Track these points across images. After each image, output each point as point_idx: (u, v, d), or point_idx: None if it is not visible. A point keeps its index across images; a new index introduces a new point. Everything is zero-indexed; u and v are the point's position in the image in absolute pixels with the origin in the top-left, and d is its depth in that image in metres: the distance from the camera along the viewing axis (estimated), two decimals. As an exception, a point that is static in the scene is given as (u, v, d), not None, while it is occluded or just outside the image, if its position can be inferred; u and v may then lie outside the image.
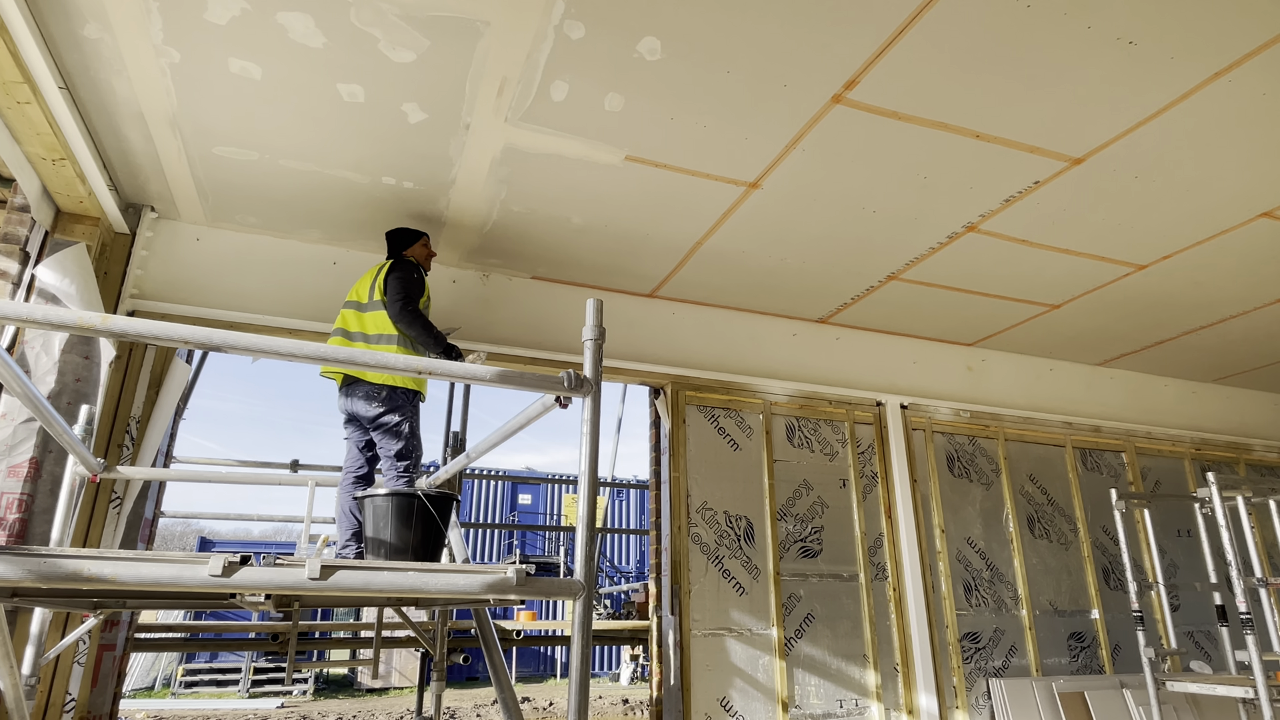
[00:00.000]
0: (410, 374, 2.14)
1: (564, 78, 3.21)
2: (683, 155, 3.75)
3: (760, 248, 4.68)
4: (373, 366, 2.09)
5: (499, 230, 4.43)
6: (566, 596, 2.10)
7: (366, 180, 3.94)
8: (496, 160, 3.76)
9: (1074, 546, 6.08)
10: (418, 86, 3.25)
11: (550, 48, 3.04)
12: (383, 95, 3.30)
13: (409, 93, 3.29)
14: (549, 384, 2.23)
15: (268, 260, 4.43)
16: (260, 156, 3.73)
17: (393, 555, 2.75)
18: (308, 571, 1.84)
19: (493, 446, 3.00)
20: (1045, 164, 3.83)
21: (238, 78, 3.19)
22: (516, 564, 2.09)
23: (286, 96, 3.30)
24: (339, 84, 3.23)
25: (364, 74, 3.18)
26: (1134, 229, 4.44)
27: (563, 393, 2.27)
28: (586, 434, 2.26)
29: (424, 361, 2.25)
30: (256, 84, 3.22)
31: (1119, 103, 3.39)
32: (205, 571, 1.74)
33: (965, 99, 3.35)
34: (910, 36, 2.99)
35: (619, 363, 5.05)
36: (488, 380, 2.21)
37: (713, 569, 4.94)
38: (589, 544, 2.15)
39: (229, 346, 1.90)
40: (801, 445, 5.51)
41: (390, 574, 1.92)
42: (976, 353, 6.31)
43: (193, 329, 1.92)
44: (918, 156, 3.76)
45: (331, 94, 3.29)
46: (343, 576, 1.84)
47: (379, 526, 2.84)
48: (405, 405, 3.61)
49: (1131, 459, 6.58)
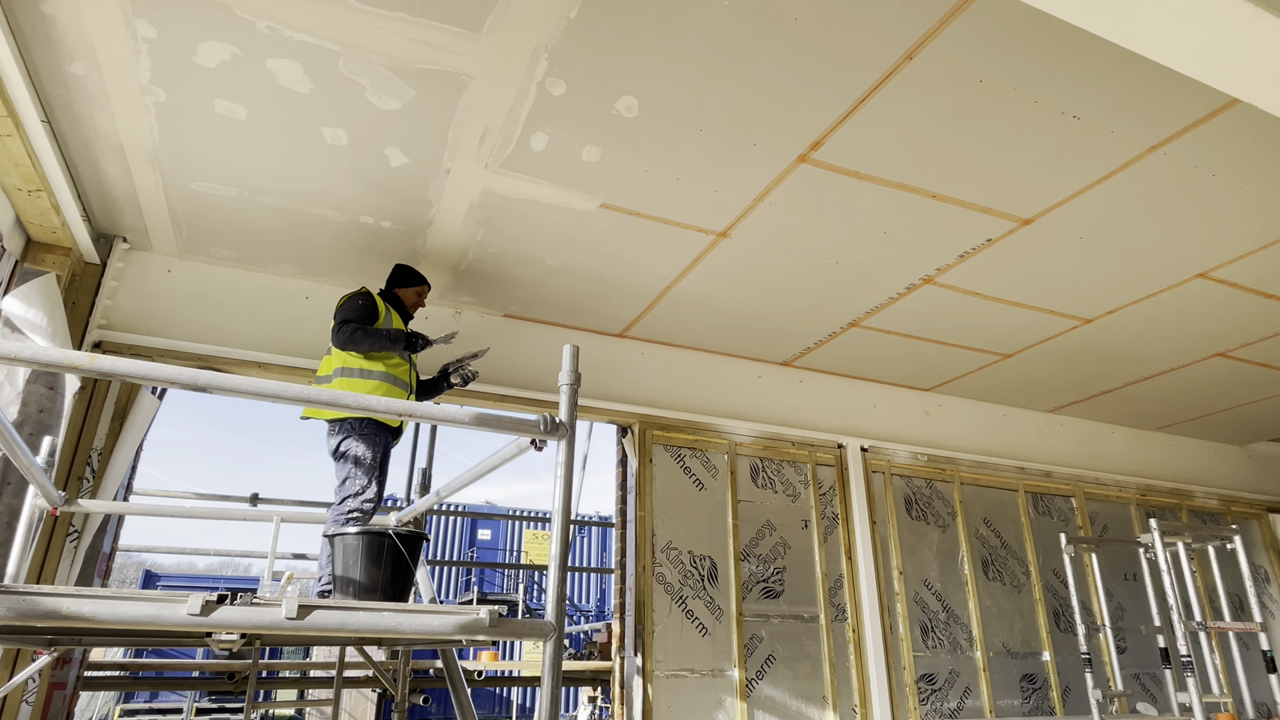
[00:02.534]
0: (390, 415, 2.20)
1: (544, 130, 3.34)
2: (655, 205, 3.90)
3: (728, 293, 4.83)
4: (354, 408, 2.15)
5: (474, 269, 4.52)
6: (538, 638, 2.16)
7: (344, 218, 4.00)
8: (475, 203, 3.87)
9: (1026, 589, 6.25)
10: (401, 132, 3.35)
11: (532, 102, 3.17)
12: (366, 139, 3.39)
13: (392, 138, 3.39)
14: (525, 427, 2.31)
15: (240, 293, 4.45)
16: (239, 193, 3.78)
17: (362, 594, 2.77)
18: (285, 611, 1.87)
19: (464, 486, 3.06)
20: (997, 223, 4.06)
21: (222, 118, 3.25)
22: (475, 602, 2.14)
23: (270, 137, 3.38)
24: (323, 127, 3.32)
25: (348, 119, 3.27)
26: (1081, 285, 4.70)
27: (539, 436, 2.35)
28: (561, 477, 2.33)
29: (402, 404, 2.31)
30: (240, 124, 3.29)
31: (1065, 169, 3.63)
32: (184, 610, 1.76)
33: (923, 162, 3.56)
34: (872, 104, 3.19)
35: (588, 401, 5.13)
36: (465, 423, 2.28)
37: (676, 609, 4.99)
38: (560, 585, 2.21)
39: (214, 387, 1.94)
40: (765, 486, 5.62)
41: (366, 614, 1.96)
42: (934, 398, 6.52)
43: (178, 370, 1.97)
44: (878, 213, 3.96)
45: (315, 136, 3.37)
46: (320, 616, 1.88)
47: (348, 565, 2.86)
48: (354, 433, 3.59)
49: (1081, 504, 6.82)
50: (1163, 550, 4.99)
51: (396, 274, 4.06)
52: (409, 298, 4.03)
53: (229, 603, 1.83)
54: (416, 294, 4.06)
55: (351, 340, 3.61)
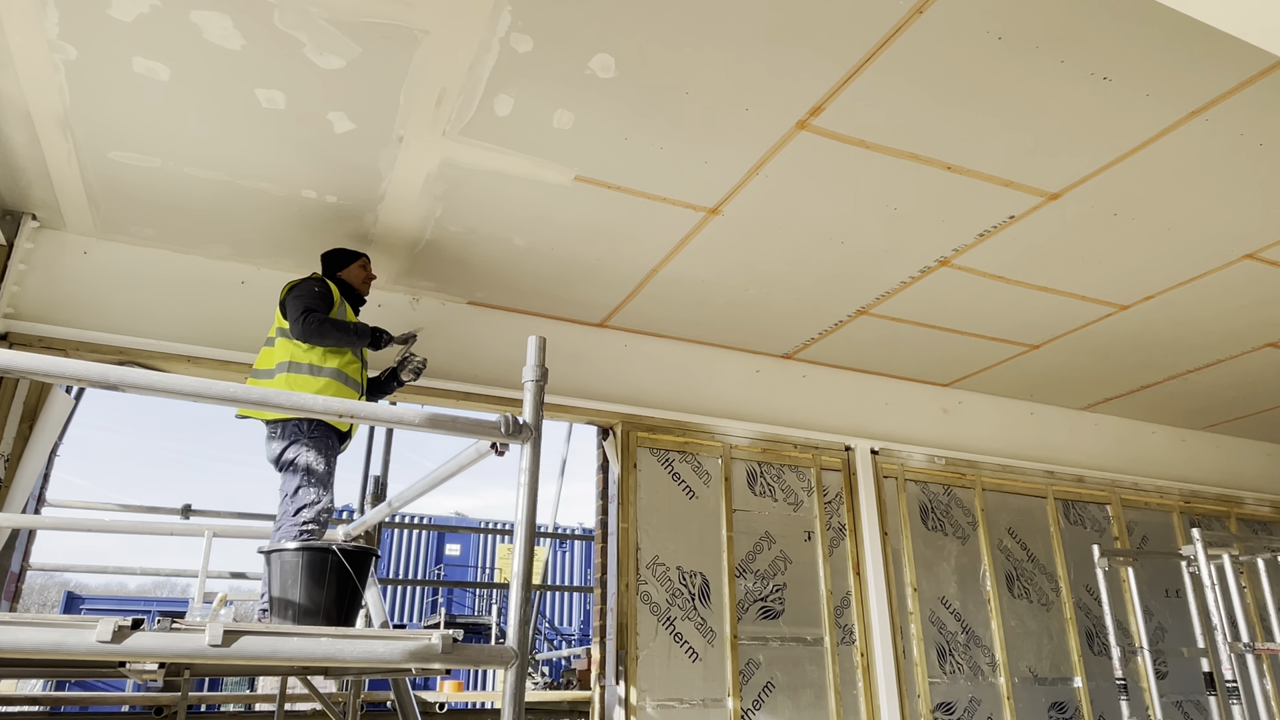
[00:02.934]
0: (330, 416, 2.21)
1: (509, 92, 3.33)
2: (637, 177, 3.90)
3: (721, 277, 4.84)
4: (287, 408, 2.15)
5: (432, 251, 4.51)
6: (498, 665, 2.17)
7: (284, 192, 3.99)
8: (432, 176, 3.86)
9: (1055, 607, 6.32)
10: (346, 95, 3.34)
11: (495, 60, 3.17)
12: (306, 102, 3.38)
13: (336, 101, 3.37)
14: (484, 429, 2.32)
15: (166, 278, 4.42)
16: (163, 163, 3.76)
17: (302, 618, 2.77)
18: (209, 637, 1.88)
19: (418, 496, 3.07)
20: (1021, 198, 4.08)
21: (142, 78, 3.23)
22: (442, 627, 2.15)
23: (197, 100, 3.36)
24: (257, 89, 3.30)
25: (286, 79, 3.25)
26: (1114, 268, 4.73)
27: (499, 439, 2.35)
28: (524, 484, 2.34)
29: (343, 403, 2.32)
30: (163, 86, 3.27)
31: (1095, 138, 3.65)
32: (93, 637, 1.76)
33: (936, 129, 3.57)
34: (878, 64, 3.20)
35: (564, 399, 5.13)
36: (416, 425, 2.29)
37: (663, 631, 5.01)
38: (524, 605, 2.22)
39: (129, 386, 1.94)
40: (764, 493, 5.65)
41: (301, 640, 1.97)
42: (953, 394, 6.56)
43: (87, 365, 1.96)
44: (887, 187, 3.97)
45: (248, 99, 3.35)
46: (248, 643, 1.88)
47: (287, 585, 2.86)
48: (303, 437, 3.60)
49: (1117, 512, 6.89)
50: (1207, 563, 5.04)
51: (329, 260, 4.08)
52: (355, 277, 4.05)
53: (145, 628, 1.83)
54: (361, 269, 4.08)
55: (319, 332, 3.63)
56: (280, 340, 3.72)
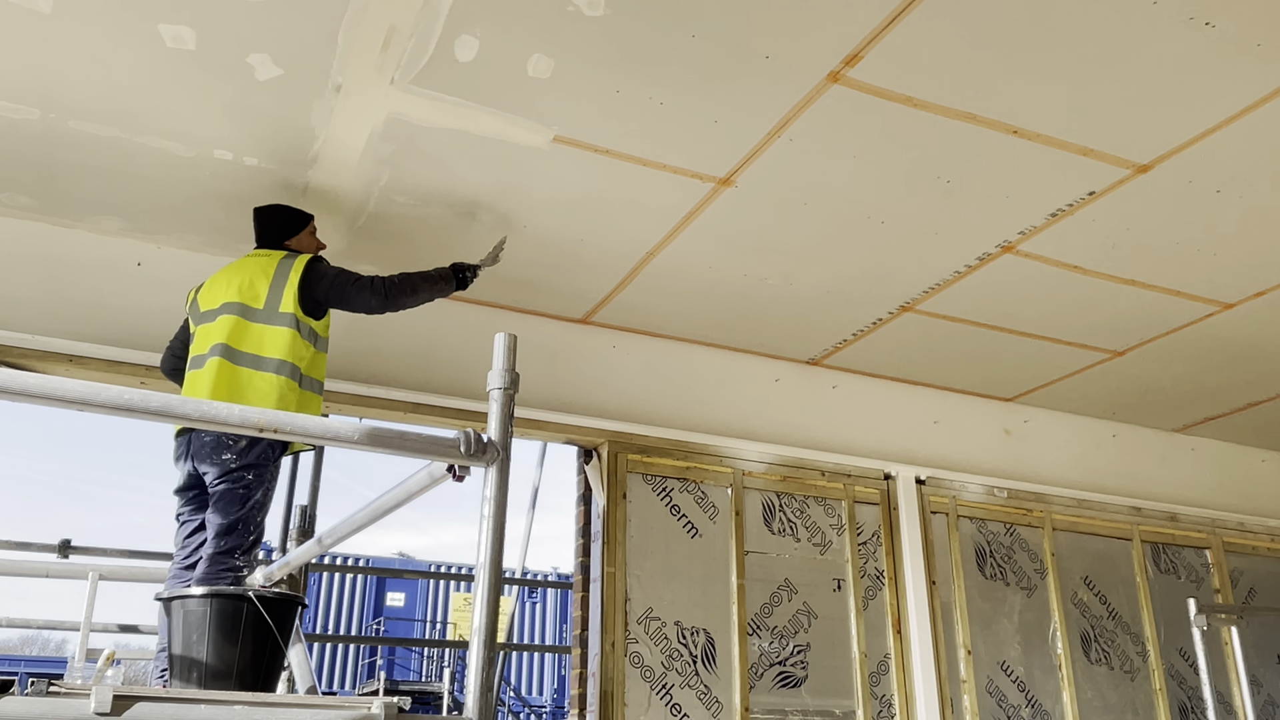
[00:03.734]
0: (248, 431, 2.19)
1: (473, 32, 3.33)
2: (631, 139, 3.90)
3: (733, 263, 4.85)
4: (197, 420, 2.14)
5: (376, 226, 4.51)
6: (454, 740, 2.16)
7: (192, 153, 3.98)
8: (377, 134, 3.86)
9: (1142, 675, 6.34)
10: (272, 32, 3.33)
11: (456, -8, 3.17)
12: (221, 41, 3.37)
13: (258, 40, 3.37)
14: (439, 448, 2.31)
15: (42, 257, 4.41)
16: (42, 115, 3.75)
17: (211, 682, 2.76)
18: (94, 704, 1.86)
19: (357, 530, 3.06)
20: (1102, 170, 4.10)
21: (17, 8, 3.22)
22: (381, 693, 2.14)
23: (85, 38, 3.34)
24: (161, 24, 3.29)
25: (196, 12, 3.24)
26: (1217, 257, 4.76)
27: (458, 460, 2.35)
28: (490, 516, 2.33)
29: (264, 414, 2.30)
30: (44, 19, 3.26)
31: (1195, 98, 3.67)
32: (-52, 703, 1.75)
33: (999, 85, 3.59)
34: (930, 1, 3.21)
35: (537, 413, 5.13)
36: (355, 442, 2.28)
37: (658, 702, 5.01)
38: (486, 668, 2.22)
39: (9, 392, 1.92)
40: (783, 532, 5.66)
41: (210, 708, 1.96)
42: (1017, 411, 6.59)
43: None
44: (939, 154, 3.99)
45: (150, 36, 3.34)
46: (144, 711, 1.87)
47: (191, 640, 2.85)
48: (271, 465, 3.66)
49: (1218, 558, 6.92)
50: (1326, 622, 5.07)
51: (274, 222, 4.03)
52: (307, 244, 4.05)
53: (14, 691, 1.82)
54: (311, 235, 4.10)
55: (399, 295, 3.87)
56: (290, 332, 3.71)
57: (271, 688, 2.87)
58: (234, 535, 3.54)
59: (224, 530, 3.54)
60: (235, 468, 3.57)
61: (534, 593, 19.46)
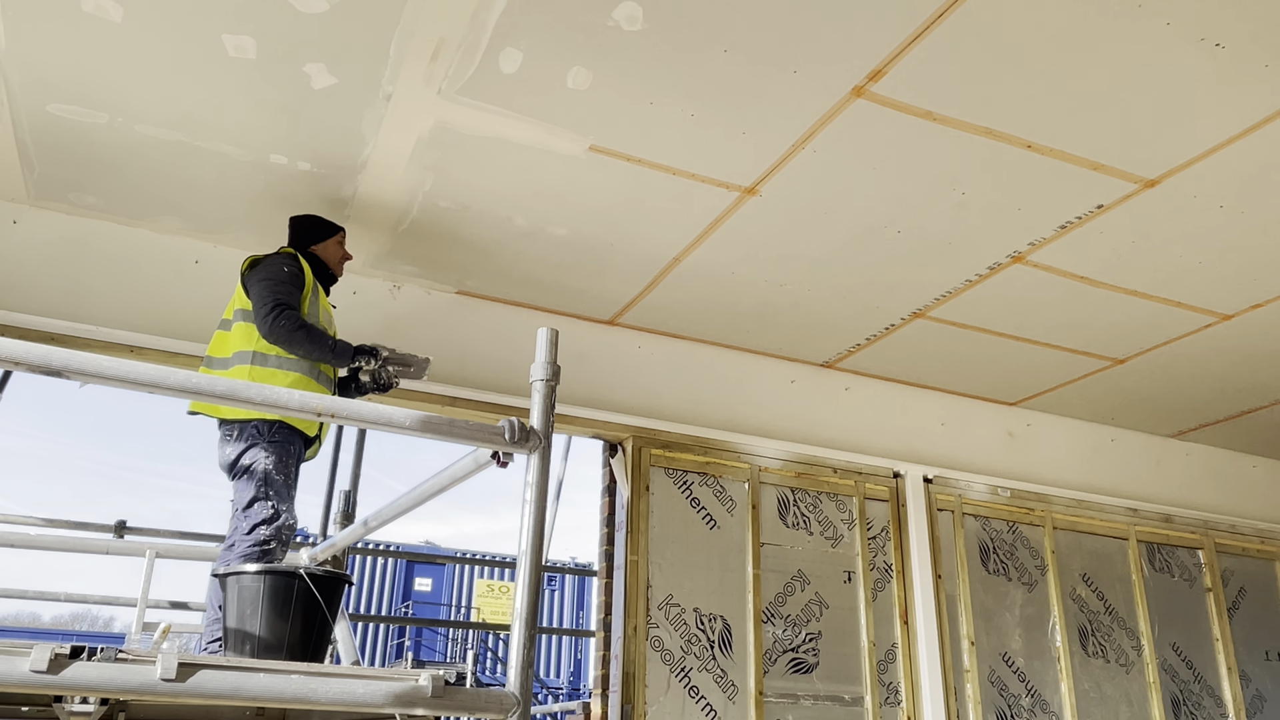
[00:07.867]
0: (307, 415, 2.19)
1: (517, 45, 3.33)
2: (662, 149, 3.89)
3: (754, 270, 4.83)
4: (259, 403, 2.14)
5: (419, 230, 4.51)
6: (496, 713, 2.15)
7: (249, 157, 3.99)
8: (424, 141, 3.86)
9: (1137, 668, 6.27)
10: (328, 43, 3.33)
11: (503, 6, 3.16)
12: (280, 51, 3.38)
13: (316, 50, 3.37)
14: (486, 435, 2.31)
15: (108, 254, 4.43)
16: (110, 119, 3.76)
17: (263, 653, 2.75)
18: (160, 670, 1.86)
19: (404, 512, 3.06)
20: (1111, 185, 4.07)
21: (91, 18, 3.23)
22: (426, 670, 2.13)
23: (153, 46, 3.36)
24: (225, 34, 3.30)
25: (259, 23, 3.25)
26: (1218, 270, 4.71)
27: (503, 447, 2.34)
28: (531, 501, 2.33)
29: (323, 400, 2.30)
30: (115, 27, 3.27)
31: (1202, 116, 3.63)
32: (26, 666, 1.75)
33: (1015, 101, 3.56)
34: (951, 20, 3.19)
35: (567, 408, 5.11)
36: (407, 428, 2.27)
37: (677, 684, 4.99)
38: (528, 646, 2.21)
39: (73, 371, 1.93)
40: (797, 525, 5.63)
41: (269, 677, 1.95)
42: (1021, 415, 6.54)
43: (24, 346, 1.95)
44: (955, 167, 3.96)
45: (214, 46, 3.35)
46: (207, 678, 1.87)
47: (245, 615, 2.84)
48: (263, 441, 3.58)
49: (1210, 558, 6.85)
50: (1317, 621, 5.01)
51: (303, 230, 4.04)
52: (332, 255, 4.04)
53: (87, 657, 1.81)
54: (338, 245, 4.07)
55: (290, 338, 3.52)
56: (240, 325, 3.70)
57: (320, 660, 2.87)
58: (251, 513, 3.50)
59: (245, 508, 3.52)
60: (235, 457, 3.57)
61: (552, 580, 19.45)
